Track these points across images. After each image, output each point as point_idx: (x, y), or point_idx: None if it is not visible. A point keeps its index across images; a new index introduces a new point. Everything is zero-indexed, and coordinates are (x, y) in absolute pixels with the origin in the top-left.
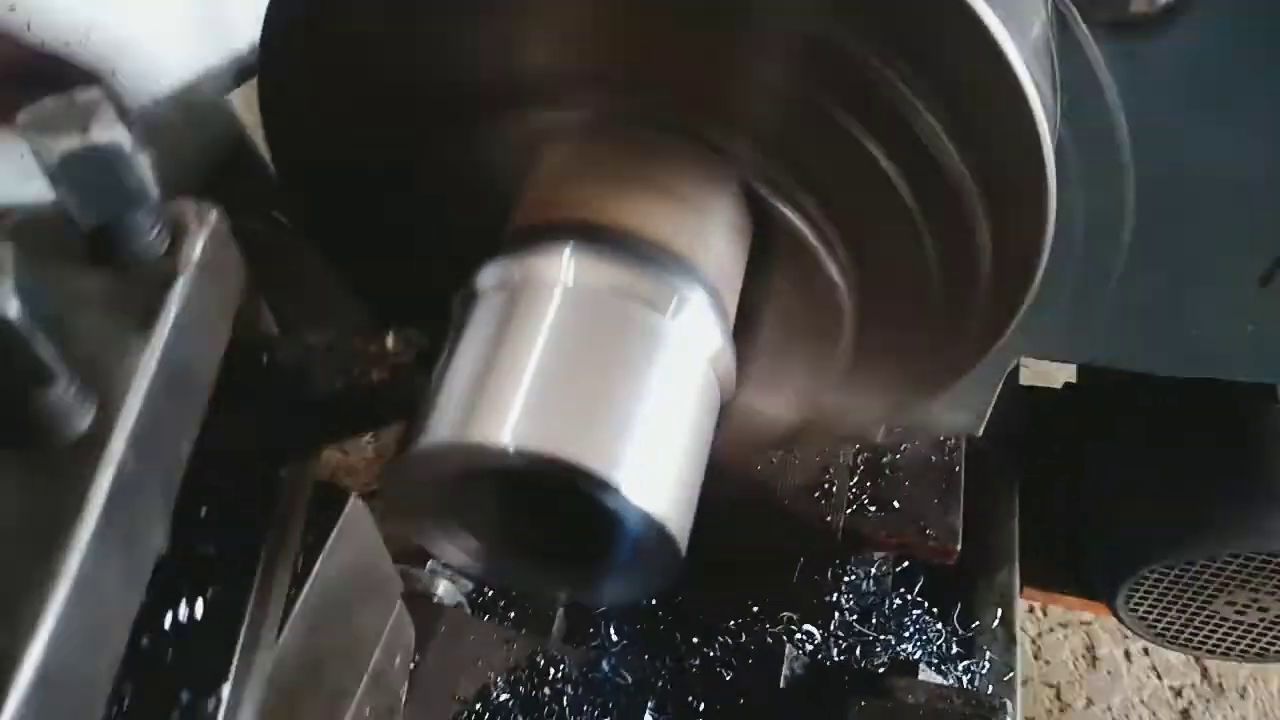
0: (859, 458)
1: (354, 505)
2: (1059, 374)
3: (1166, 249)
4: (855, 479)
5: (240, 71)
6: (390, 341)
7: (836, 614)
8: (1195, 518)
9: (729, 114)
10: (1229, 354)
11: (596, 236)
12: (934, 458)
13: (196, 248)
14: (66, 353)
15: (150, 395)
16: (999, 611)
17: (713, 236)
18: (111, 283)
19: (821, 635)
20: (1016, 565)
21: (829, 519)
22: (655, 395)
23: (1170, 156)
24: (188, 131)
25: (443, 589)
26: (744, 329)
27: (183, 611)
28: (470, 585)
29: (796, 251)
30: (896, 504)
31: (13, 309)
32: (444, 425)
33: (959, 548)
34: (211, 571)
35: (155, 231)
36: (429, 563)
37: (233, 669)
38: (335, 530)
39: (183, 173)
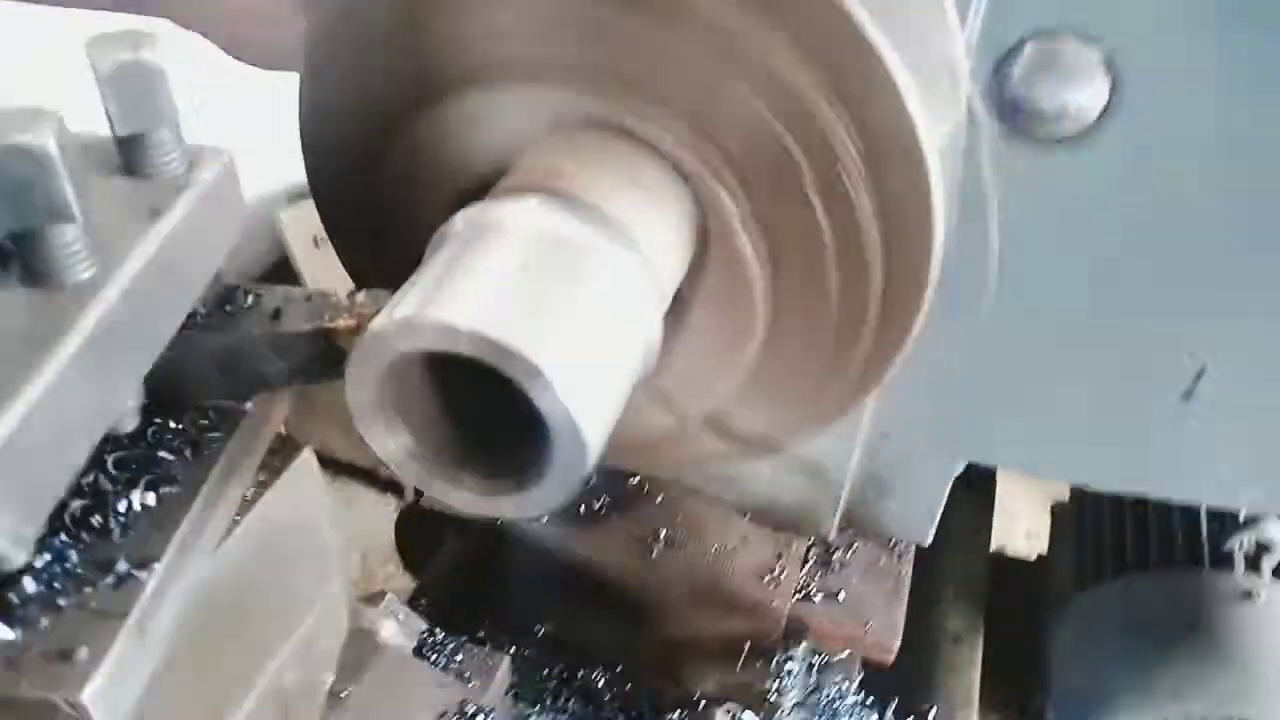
0: (810, 550)
1: (304, 458)
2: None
3: (1089, 359)
4: (805, 569)
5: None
6: (360, 297)
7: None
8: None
9: (660, 107)
10: (1156, 470)
11: (559, 199)
12: (882, 560)
13: (207, 172)
14: (86, 221)
15: (146, 268)
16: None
17: (658, 217)
18: (134, 186)
19: None
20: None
21: (775, 604)
22: (592, 320)
23: (1093, 266)
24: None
25: (388, 629)
26: (675, 313)
27: (136, 498)
28: (421, 628)
29: (726, 237)
30: (842, 596)
31: (51, 144)
32: (401, 308)
33: (898, 644)
34: (168, 472)
35: (175, 154)
36: (382, 602)
37: (167, 556)
38: (283, 474)
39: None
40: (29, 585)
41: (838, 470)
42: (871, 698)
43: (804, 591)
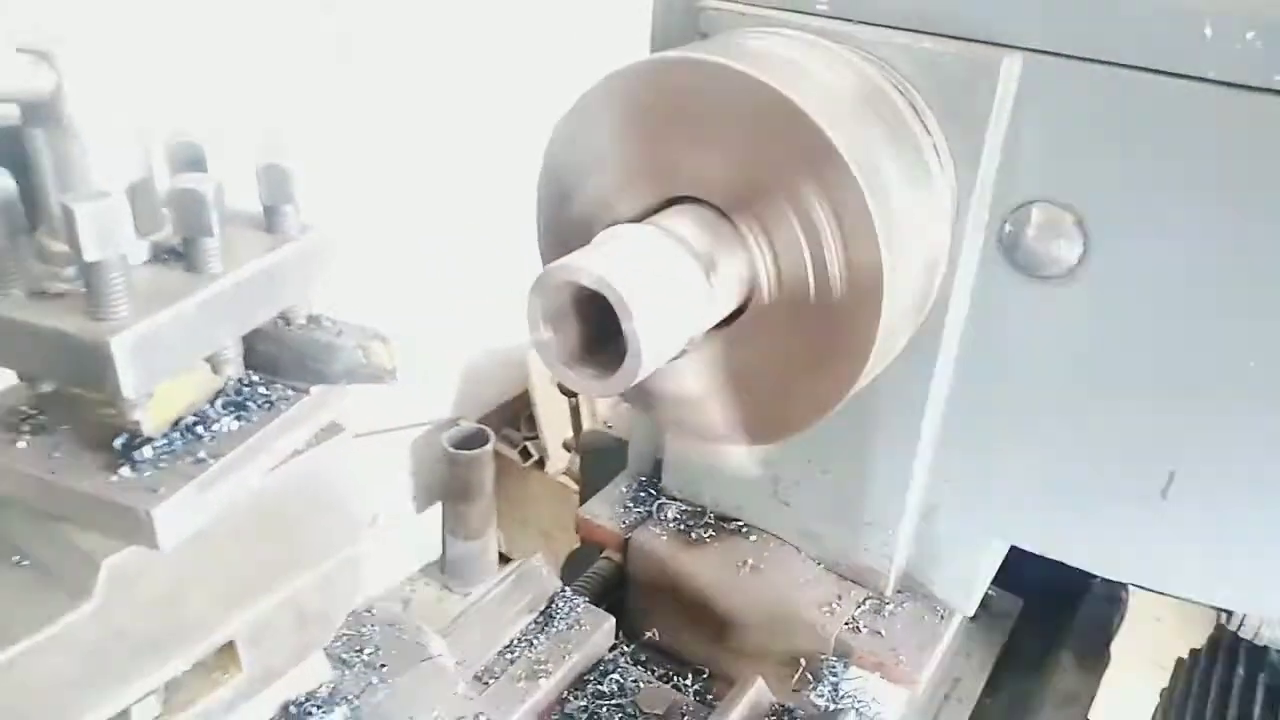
0: (867, 599)
1: (340, 438)
2: None
3: (1084, 459)
4: (858, 608)
5: None
6: (390, 339)
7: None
8: None
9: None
10: (1141, 562)
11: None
12: (926, 617)
13: (305, 241)
14: (222, 242)
15: (248, 279)
16: None
17: (725, 253)
18: (263, 236)
19: None
20: None
21: (827, 628)
22: (666, 294)
23: (1079, 377)
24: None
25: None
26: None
27: (224, 423)
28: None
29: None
30: (883, 633)
31: (210, 192)
32: (563, 259)
33: (924, 675)
34: (248, 415)
35: (293, 222)
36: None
37: (229, 456)
38: (322, 445)
39: None
40: (146, 450)
41: (892, 536)
42: None
43: (854, 624)
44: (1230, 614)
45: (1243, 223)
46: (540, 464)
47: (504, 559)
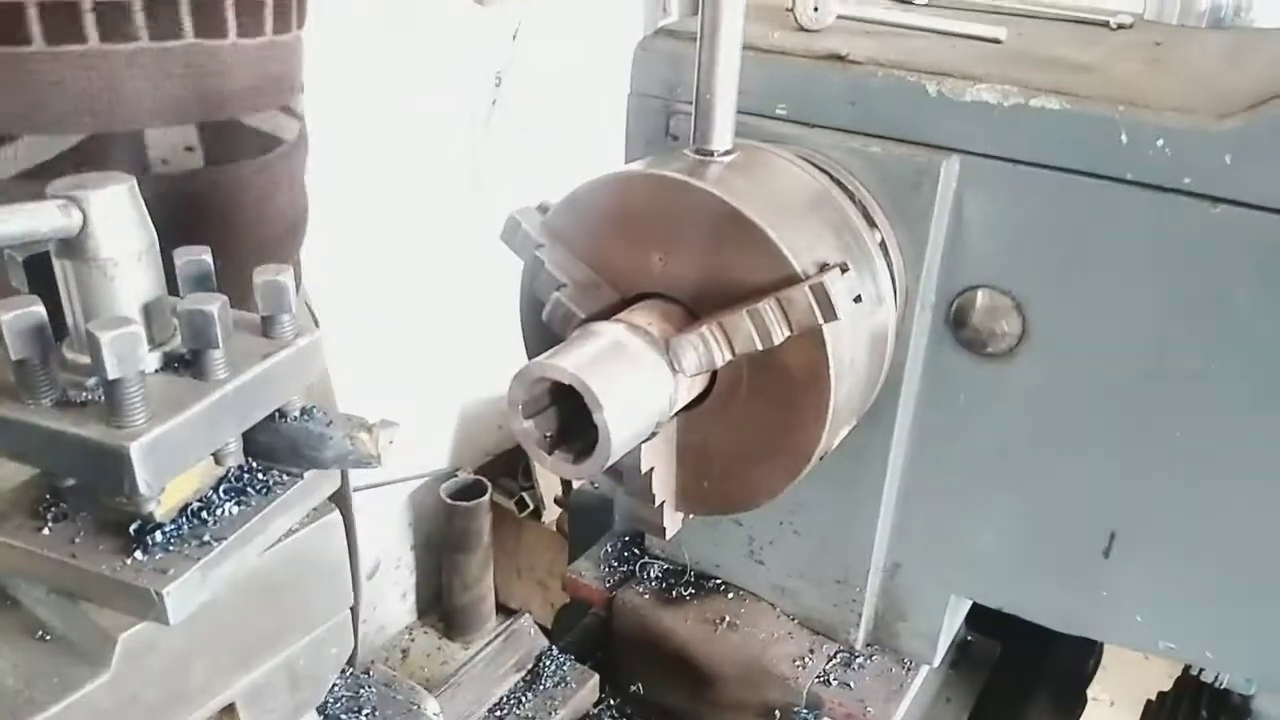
0: (838, 653)
1: (330, 519)
2: None
3: (1025, 516)
4: (829, 662)
5: None
6: (379, 427)
7: None
8: None
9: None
10: (1090, 615)
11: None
12: (893, 669)
13: (302, 342)
14: (226, 350)
15: (250, 382)
16: None
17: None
18: (260, 341)
19: None
20: None
21: (799, 681)
22: (633, 384)
23: (1024, 445)
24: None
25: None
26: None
27: (227, 507)
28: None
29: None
30: (852, 685)
31: (215, 310)
32: (540, 357)
33: None
34: (248, 499)
35: (289, 328)
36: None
37: (231, 538)
38: (314, 524)
39: None
40: (157, 536)
41: (860, 593)
42: None
43: (825, 677)
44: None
45: (1161, 307)
46: (536, 514)
47: (501, 608)
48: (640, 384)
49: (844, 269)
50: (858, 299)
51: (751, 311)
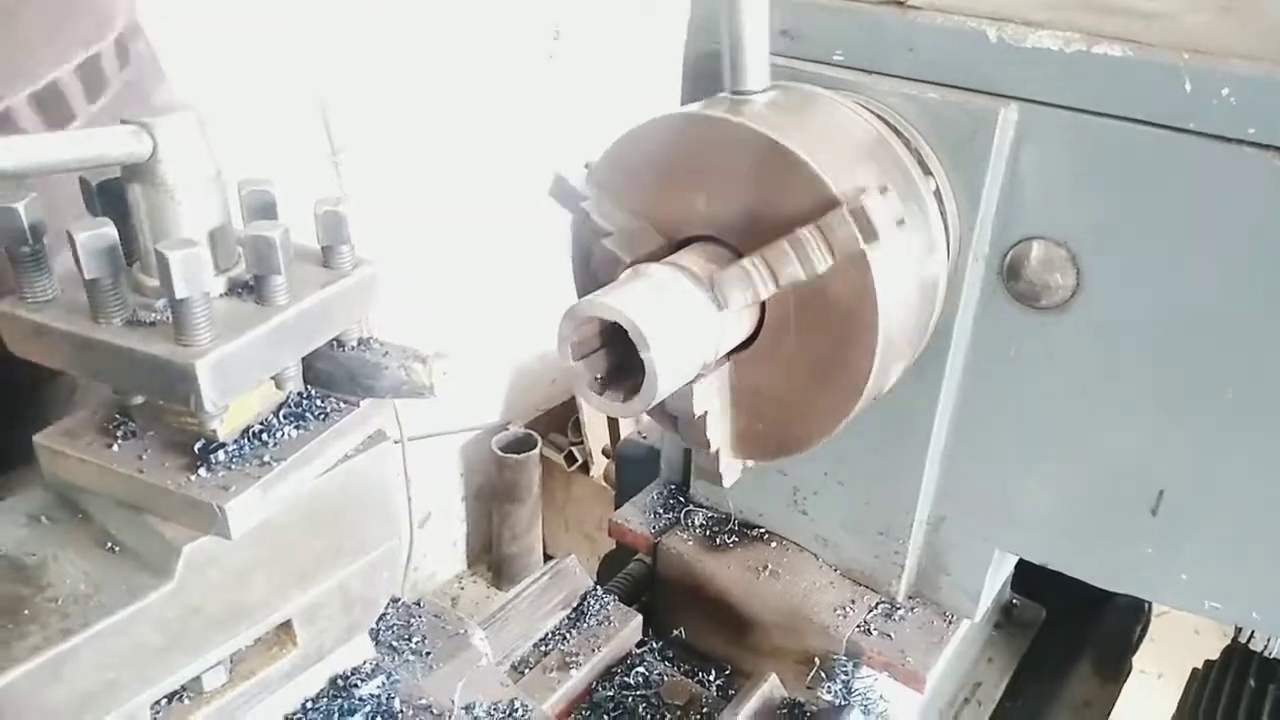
0: (879, 603)
1: (384, 446)
2: None
3: (1082, 476)
4: (870, 612)
5: None
6: (433, 357)
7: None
8: None
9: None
10: (1135, 573)
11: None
12: (934, 622)
13: (359, 274)
14: (289, 277)
15: (310, 309)
16: None
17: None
18: (321, 271)
19: None
20: None
21: (839, 629)
22: (680, 323)
23: (1073, 400)
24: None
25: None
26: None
27: (286, 430)
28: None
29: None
30: (892, 635)
31: (277, 236)
32: (589, 296)
33: (929, 675)
34: (306, 424)
35: (348, 259)
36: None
37: (289, 459)
38: (367, 451)
39: None
40: (220, 454)
41: (903, 546)
42: None
43: (865, 627)
44: (1241, 627)
45: (1220, 262)
46: (585, 468)
47: (548, 559)
48: (686, 321)
49: (883, 190)
50: (901, 222)
51: (793, 240)
